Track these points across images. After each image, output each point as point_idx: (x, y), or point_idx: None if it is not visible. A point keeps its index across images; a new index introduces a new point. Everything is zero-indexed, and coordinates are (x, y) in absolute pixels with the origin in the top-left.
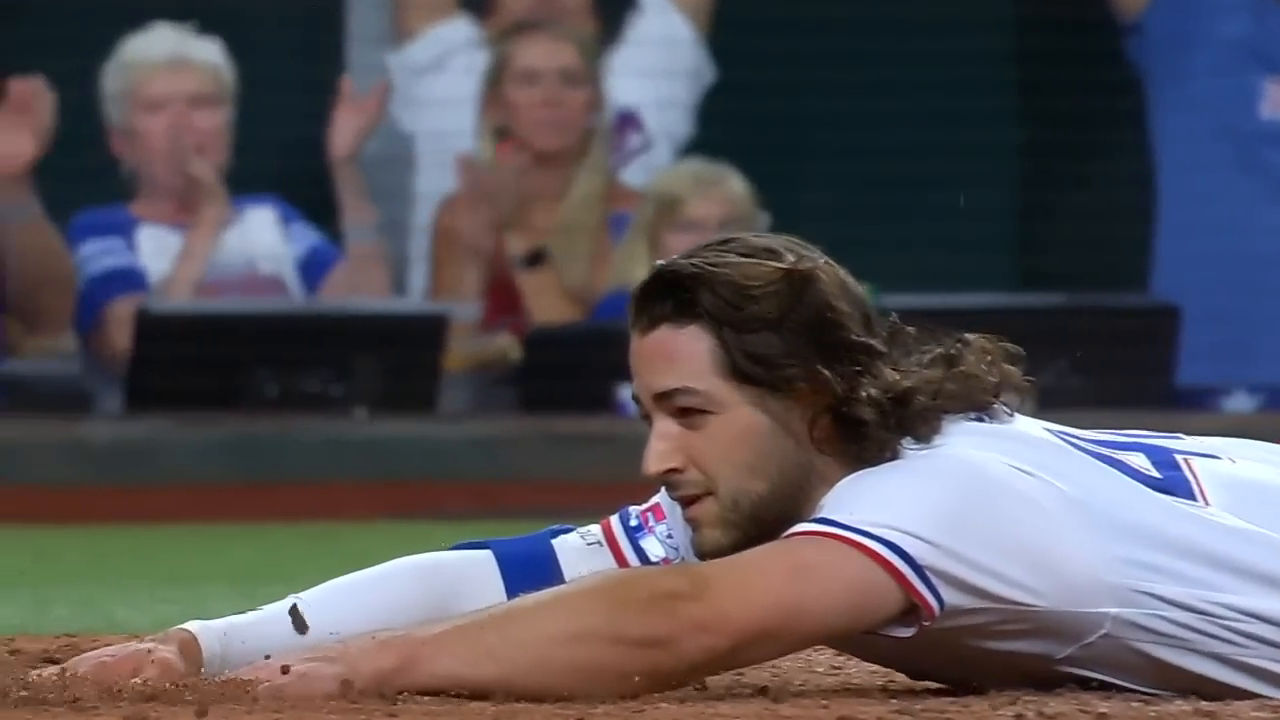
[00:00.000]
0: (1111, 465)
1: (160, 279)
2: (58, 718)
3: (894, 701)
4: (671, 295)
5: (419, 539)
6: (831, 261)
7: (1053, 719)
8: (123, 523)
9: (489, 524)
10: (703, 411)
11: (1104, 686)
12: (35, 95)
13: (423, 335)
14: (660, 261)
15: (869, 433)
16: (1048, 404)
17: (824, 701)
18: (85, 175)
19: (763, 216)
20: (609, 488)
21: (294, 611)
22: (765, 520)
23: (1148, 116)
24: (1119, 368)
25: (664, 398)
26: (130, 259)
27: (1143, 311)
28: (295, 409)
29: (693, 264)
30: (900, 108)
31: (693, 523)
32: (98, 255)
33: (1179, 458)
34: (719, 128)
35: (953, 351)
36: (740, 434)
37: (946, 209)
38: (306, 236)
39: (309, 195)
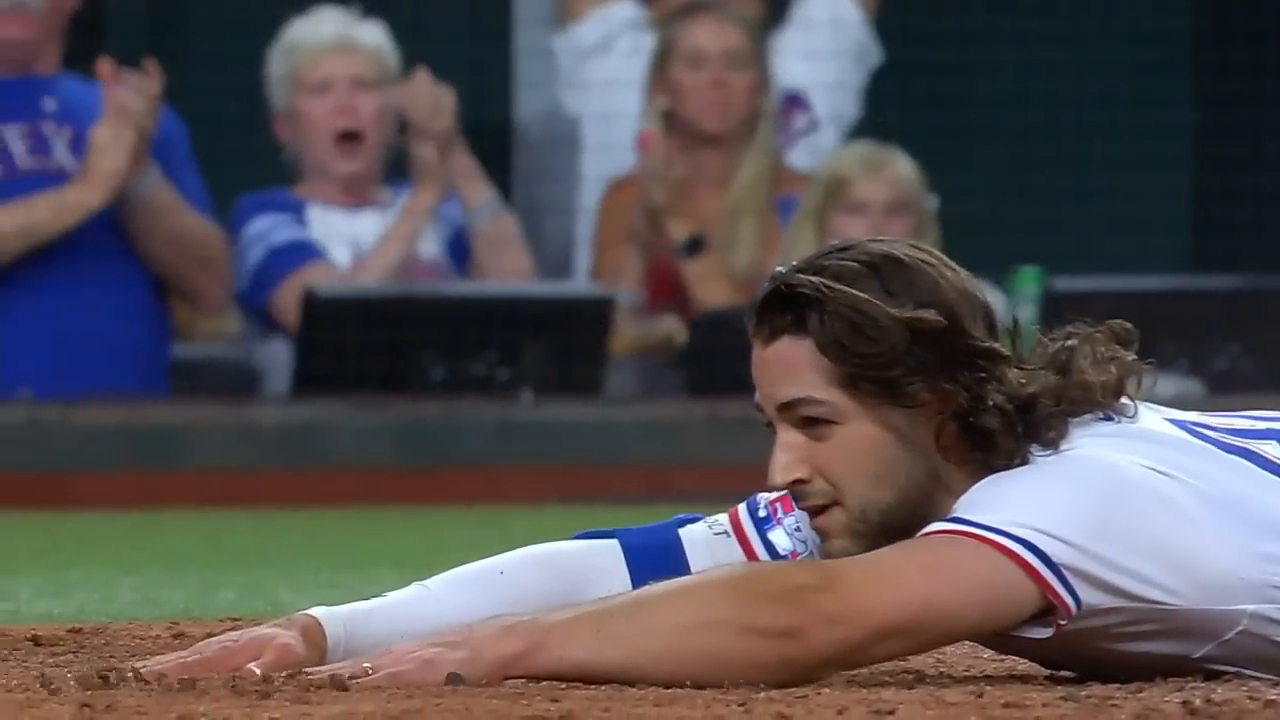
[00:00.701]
0: (1244, 457)
1: (354, 261)
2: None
3: (1060, 688)
4: (791, 308)
5: (587, 523)
6: (953, 264)
7: (1220, 705)
8: (290, 506)
9: (657, 508)
10: (827, 421)
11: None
12: (130, 87)
13: (589, 318)
14: (780, 269)
15: (996, 440)
16: (1221, 388)
17: (990, 688)
18: (248, 158)
19: (931, 198)
20: None
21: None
22: (893, 529)
23: None
24: None
25: (788, 408)
26: (304, 232)
27: None
28: (461, 393)
29: (812, 281)
30: (1072, 89)
31: (821, 532)
32: (272, 229)
33: None
34: (886, 109)
35: (1070, 350)
36: (866, 444)
37: (1120, 191)
38: (453, 218)
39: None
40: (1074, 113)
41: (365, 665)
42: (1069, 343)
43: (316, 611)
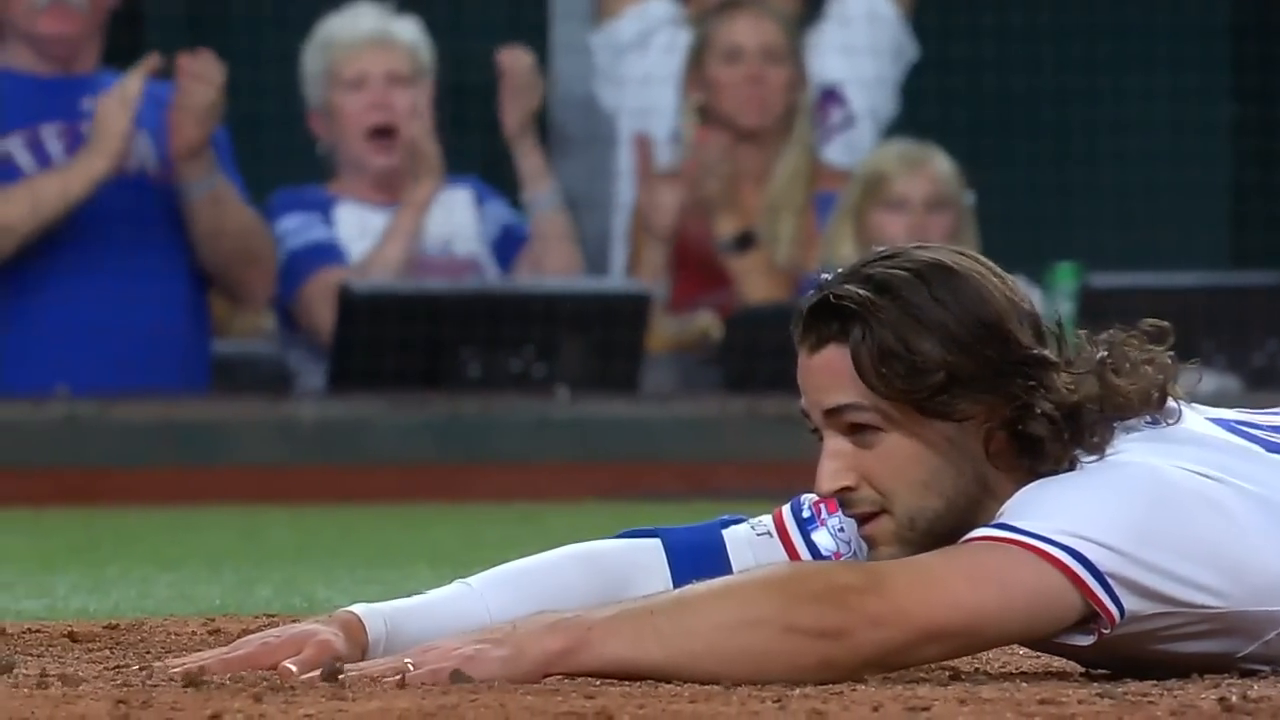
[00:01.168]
0: None
1: (361, 257)
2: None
3: (1095, 685)
4: (838, 317)
5: (625, 520)
6: (999, 271)
7: (1257, 701)
8: (328, 502)
9: (696, 505)
10: (875, 428)
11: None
12: (194, 74)
13: (626, 314)
14: (826, 276)
15: (1045, 448)
16: (1259, 384)
17: (1025, 684)
18: (285, 154)
19: (968, 195)
20: (815, 467)
21: None
22: (941, 536)
23: None
24: None
25: (834, 414)
26: (329, 233)
27: None
28: (499, 389)
29: (859, 295)
30: (1110, 84)
31: (869, 540)
32: (297, 230)
33: None
34: (923, 105)
35: (1122, 354)
36: (914, 451)
37: (1158, 186)
38: (500, 216)
39: (512, 175)
40: (1112, 108)
41: (408, 661)
42: (1138, 356)
43: (358, 608)
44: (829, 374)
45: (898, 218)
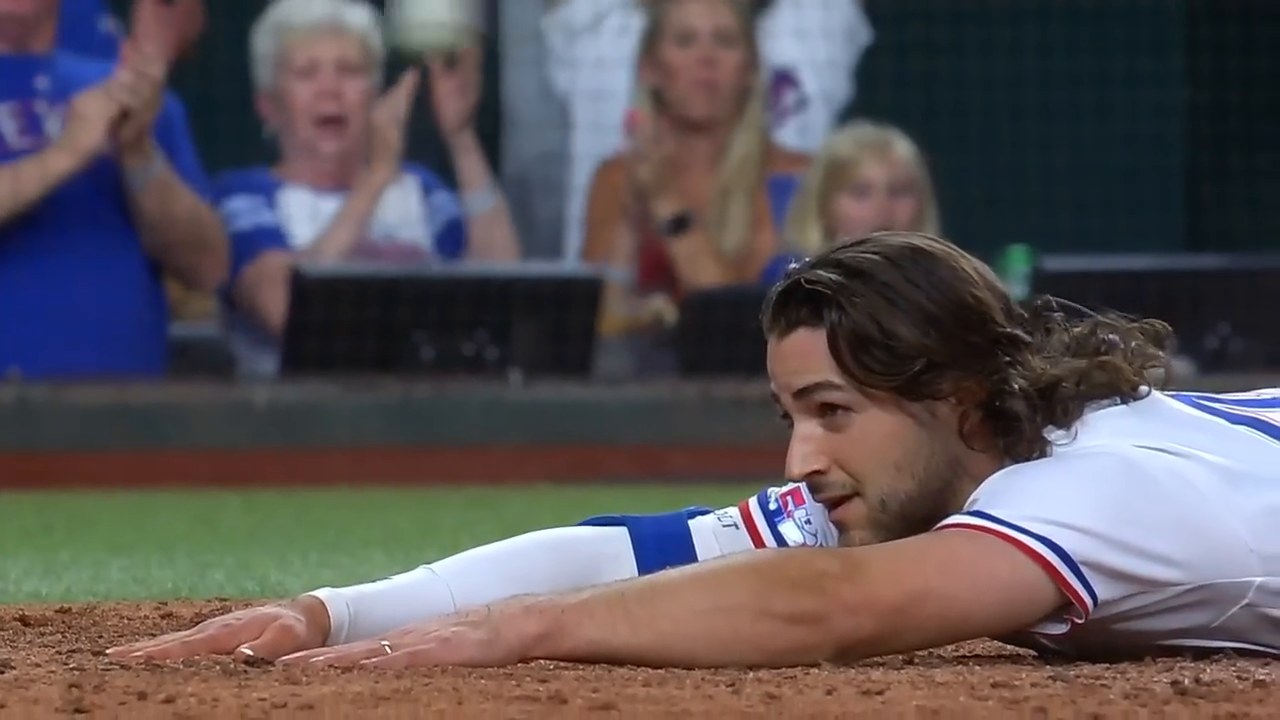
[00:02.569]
0: (1253, 426)
1: (311, 240)
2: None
3: (1049, 668)
4: (809, 302)
5: (578, 503)
6: (966, 254)
7: (1210, 685)
8: (281, 486)
9: (649, 488)
10: (846, 409)
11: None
12: (137, 58)
13: (579, 298)
14: (794, 264)
15: (1021, 426)
16: (1212, 367)
17: (979, 668)
18: (232, 137)
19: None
20: (768, 452)
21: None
22: (914, 518)
23: None
24: None
25: (804, 394)
26: (273, 217)
27: None
28: (452, 372)
29: (830, 279)
30: (1065, 67)
31: (840, 524)
32: (241, 212)
33: None
34: (877, 89)
35: (1096, 335)
36: (886, 433)
37: (1111, 170)
38: (446, 209)
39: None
40: (1066, 91)
41: (384, 644)
42: (1109, 335)
43: (322, 593)
44: (799, 355)
45: (863, 203)
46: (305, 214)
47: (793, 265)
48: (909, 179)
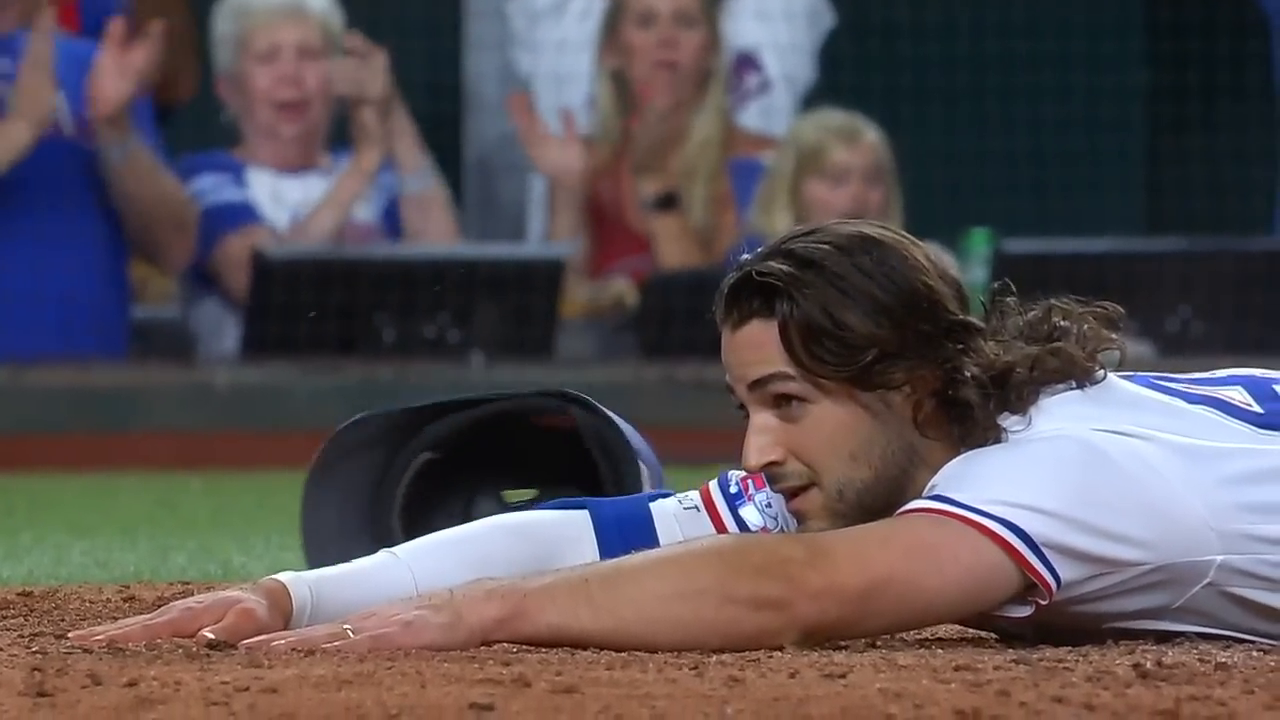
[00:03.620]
0: (1210, 405)
1: (292, 222)
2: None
3: (1011, 651)
4: (760, 294)
5: None
6: (918, 242)
7: (1172, 668)
8: (243, 469)
9: None
10: (801, 400)
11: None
12: (145, 36)
13: (540, 280)
14: (746, 255)
15: (974, 414)
16: (1172, 350)
17: (941, 650)
18: (189, 120)
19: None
20: (730, 434)
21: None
22: (871, 508)
23: (1275, 58)
24: (1245, 313)
25: (759, 385)
26: (243, 194)
27: (1270, 255)
28: (413, 355)
29: (782, 270)
30: (1026, 50)
31: (798, 515)
32: (211, 189)
33: (1279, 388)
34: (839, 71)
35: (1049, 320)
36: (842, 423)
37: (1072, 153)
38: (389, 186)
39: (430, 140)
40: (1028, 74)
41: (346, 627)
42: (1063, 321)
43: (283, 576)
44: (753, 347)
45: (837, 189)
46: (267, 195)
47: (745, 256)
48: (880, 166)
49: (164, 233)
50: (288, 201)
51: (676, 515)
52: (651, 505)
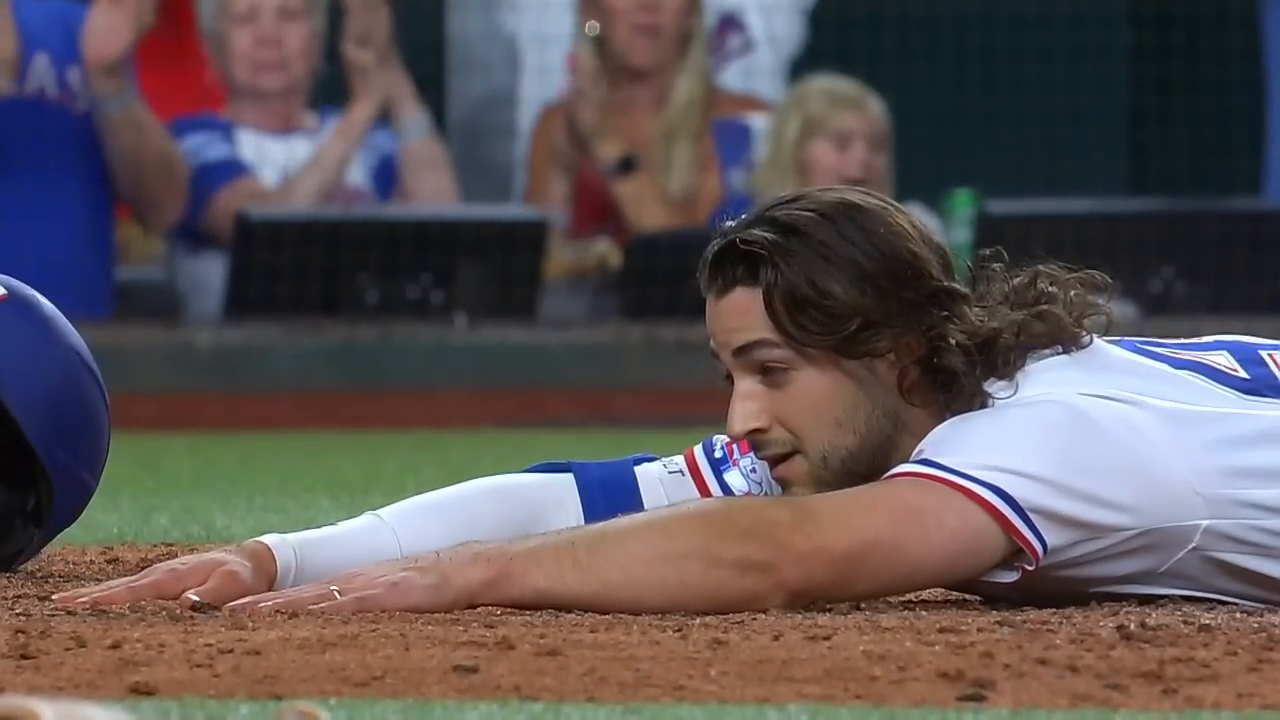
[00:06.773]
0: (1196, 370)
1: (283, 180)
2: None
3: (995, 613)
4: (744, 261)
5: (524, 447)
6: (901, 207)
7: (1155, 630)
8: (226, 429)
9: (594, 431)
10: (786, 367)
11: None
12: None
13: (523, 241)
14: (730, 223)
15: (960, 380)
16: (1156, 310)
17: (925, 613)
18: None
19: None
20: (713, 395)
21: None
22: (855, 475)
23: (1259, 19)
24: (1229, 274)
25: (744, 352)
26: (232, 150)
27: (1254, 216)
28: (396, 316)
29: (766, 238)
30: (1007, 11)
31: (782, 481)
32: (200, 147)
33: (1264, 354)
34: (822, 32)
35: (1035, 285)
36: (826, 390)
37: (1055, 113)
38: (380, 146)
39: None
40: (1011, 35)
41: (332, 589)
42: (1049, 286)
43: (268, 538)
44: (737, 314)
45: (844, 154)
46: (256, 155)
47: (728, 223)
48: (884, 134)
49: (157, 187)
50: (274, 162)
51: (661, 479)
52: (636, 469)
